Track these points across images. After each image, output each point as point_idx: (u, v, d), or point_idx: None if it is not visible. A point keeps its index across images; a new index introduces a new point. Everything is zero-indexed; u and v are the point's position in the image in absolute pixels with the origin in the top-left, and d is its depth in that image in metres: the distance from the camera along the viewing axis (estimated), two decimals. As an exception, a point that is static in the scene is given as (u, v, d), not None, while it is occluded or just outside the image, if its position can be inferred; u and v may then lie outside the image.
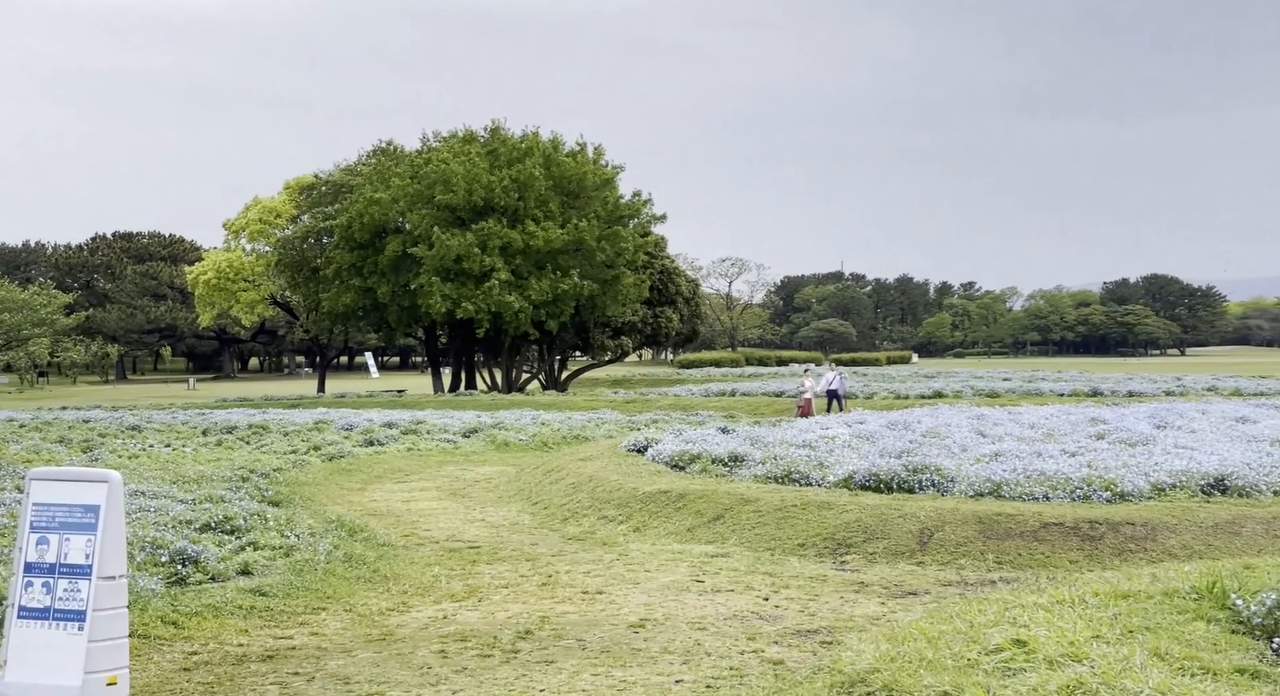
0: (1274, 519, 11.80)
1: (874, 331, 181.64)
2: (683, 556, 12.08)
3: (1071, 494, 12.87)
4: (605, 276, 53.04)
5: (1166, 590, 6.53)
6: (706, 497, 14.16)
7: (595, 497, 15.59)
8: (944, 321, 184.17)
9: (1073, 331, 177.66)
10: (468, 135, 56.38)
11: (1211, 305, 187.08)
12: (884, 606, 9.68)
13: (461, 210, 51.80)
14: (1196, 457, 14.44)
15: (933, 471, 13.96)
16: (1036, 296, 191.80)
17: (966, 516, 12.15)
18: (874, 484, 13.96)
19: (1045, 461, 14.48)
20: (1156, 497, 12.72)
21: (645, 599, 10.07)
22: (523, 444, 25.68)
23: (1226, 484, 13.05)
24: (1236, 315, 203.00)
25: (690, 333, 70.27)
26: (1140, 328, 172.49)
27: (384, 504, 16.92)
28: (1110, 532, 11.53)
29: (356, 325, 62.63)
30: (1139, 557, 10.93)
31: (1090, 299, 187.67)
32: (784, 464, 15.30)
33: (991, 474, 13.63)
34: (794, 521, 12.83)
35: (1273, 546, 11.03)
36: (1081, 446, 16.65)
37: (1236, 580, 6.48)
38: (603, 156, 56.17)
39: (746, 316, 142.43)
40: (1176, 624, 5.79)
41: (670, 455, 17.22)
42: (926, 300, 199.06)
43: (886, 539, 12.03)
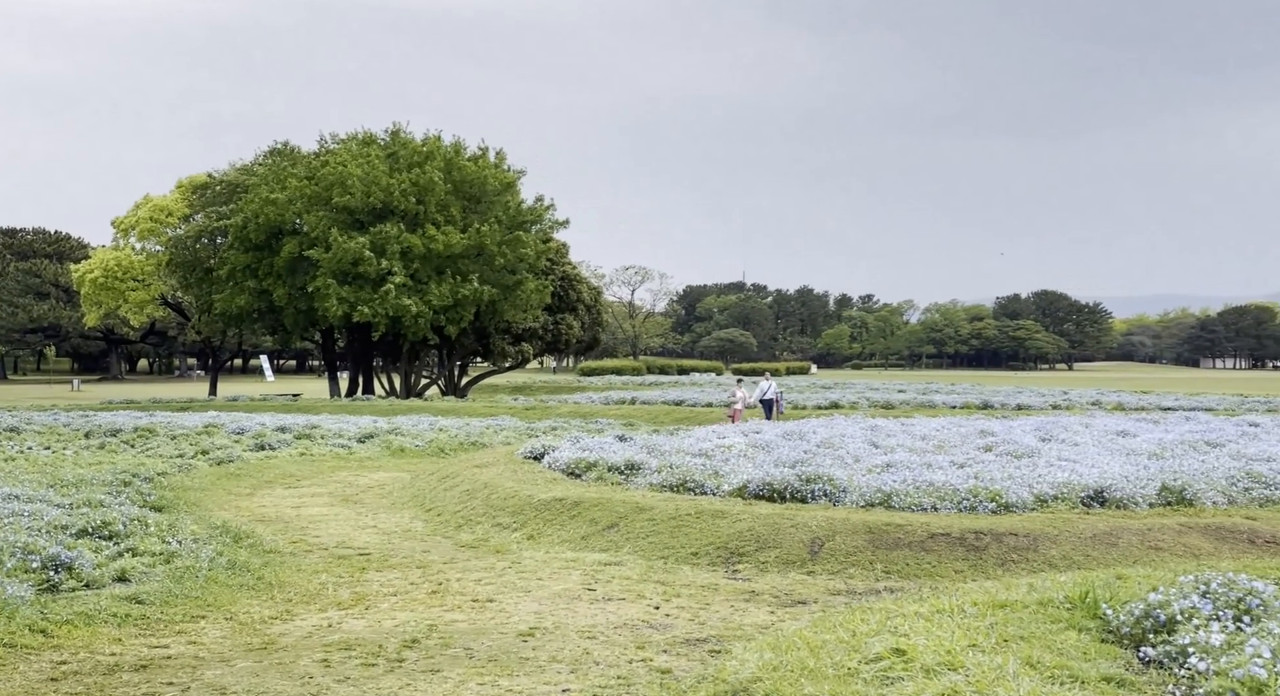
0: (1149, 530, 12.17)
1: (774, 342, 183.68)
2: (576, 564, 12.03)
3: (959, 504, 13.12)
4: (506, 282, 52.72)
5: (1042, 600, 6.68)
6: (601, 506, 14.13)
7: (490, 505, 15.46)
8: (843, 333, 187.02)
9: (967, 345, 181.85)
10: (367, 137, 55.59)
11: (1098, 321, 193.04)
12: (773, 615, 9.75)
13: (360, 213, 51.05)
14: (1078, 470, 14.85)
15: (825, 481, 14.13)
16: (932, 310, 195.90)
17: (857, 526, 12.31)
18: (768, 493, 14.08)
19: (935, 472, 14.76)
20: (1039, 509, 13.04)
21: (536, 607, 10.00)
22: (419, 450, 25.36)
23: (1105, 496, 13.42)
24: (1122, 332, 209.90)
25: (592, 340, 70.24)
26: (1031, 342, 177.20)
27: (273, 510, 16.55)
28: (994, 543, 11.78)
29: (251, 327, 61.27)
30: (1021, 568, 11.18)
31: (984, 313, 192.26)
32: (680, 473, 15.35)
33: (883, 484, 13.84)
34: (688, 530, 12.87)
35: (1147, 557, 11.37)
36: (970, 458, 17.01)
37: (1108, 590, 6.66)
38: (505, 161, 55.84)
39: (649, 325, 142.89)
40: (1050, 633, 5.93)
41: (567, 462, 17.16)
42: (826, 312, 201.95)
43: (778, 548, 12.13)
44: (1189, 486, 13.71)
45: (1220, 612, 5.91)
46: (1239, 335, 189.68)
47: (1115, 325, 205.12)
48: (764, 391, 33.61)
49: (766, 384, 34.02)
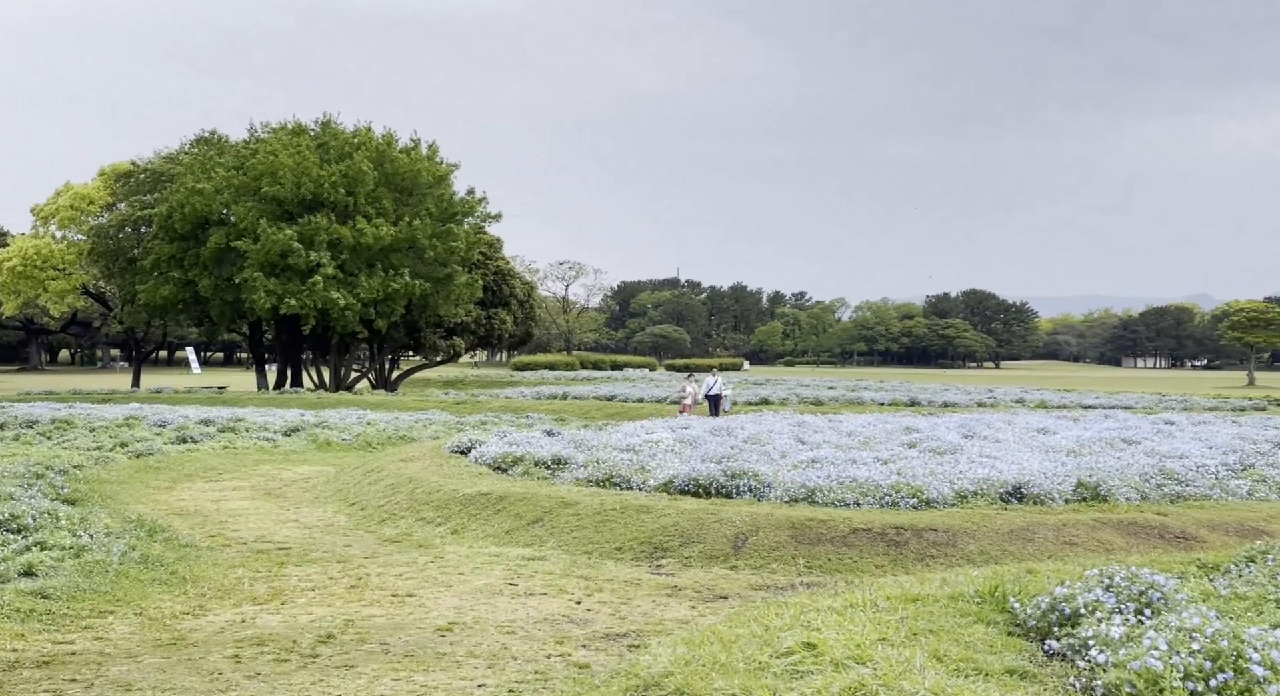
0: (1064, 525, 12.39)
1: (708, 338, 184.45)
2: (499, 559, 11.96)
3: (881, 500, 13.25)
4: (438, 275, 52.26)
5: (953, 594, 6.76)
6: (527, 500, 14.07)
7: (414, 499, 15.32)
8: (776, 330, 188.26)
9: (897, 343, 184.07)
10: (297, 128, 54.72)
11: (1024, 321, 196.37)
12: (694, 610, 9.77)
13: (289, 204, 50.27)
14: (998, 467, 15.08)
15: (751, 477, 14.19)
16: (864, 308, 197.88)
17: (781, 521, 12.38)
18: (694, 488, 14.11)
19: (859, 468, 14.90)
20: (960, 505, 13.22)
21: (456, 602, 9.92)
22: (345, 444, 25.08)
23: (1024, 492, 13.65)
24: (1047, 331, 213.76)
25: (525, 335, 69.91)
26: (960, 340, 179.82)
27: (192, 503, 16.25)
28: (915, 538, 11.92)
29: (176, 319, 60.12)
30: (939, 563, 11.32)
31: (914, 312, 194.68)
32: (606, 467, 15.34)
33: (807, 480, 13.94)
34: (612, 525, 12.86)
35: (1061, 552, 11.58)
36: (894, 454, 17.22)
37: (1017, 584, 6.76)
38: (437, 154, 55.30)
39: (583, 320, 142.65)
40: (959, 627, 6.00)
41: (493, 457, 17.06)
42: (760, 309, 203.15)
43: (702, 543, 12.16)
44: (1104, 483, 13.99)
45: (1123, 605, 6.02)
46: (1159, 335, 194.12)
47: (1041, 325, 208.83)
48: (710, 387, 33.90)
49: (712, 380, 34.36)
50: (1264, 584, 7.10)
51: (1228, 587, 7.04)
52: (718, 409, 32.91)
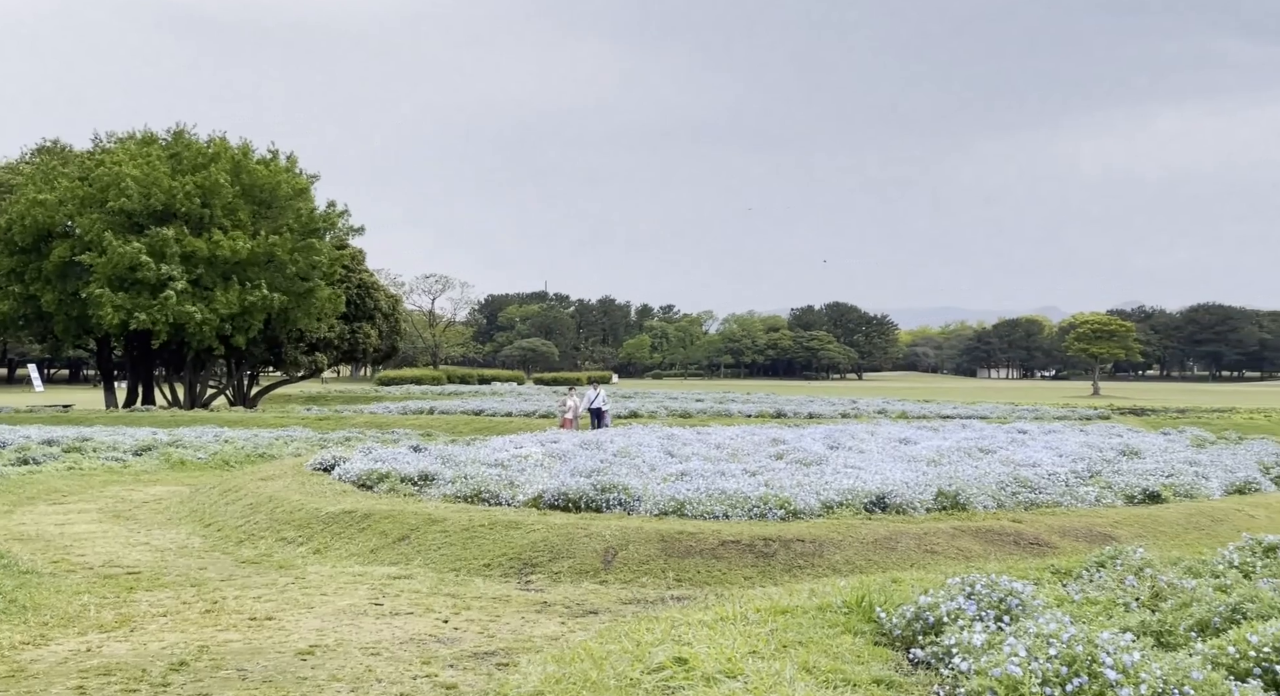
0: (925, 534, 12.68)
1: (576, 351, 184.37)
2: (363, 578, 11.66)
3: (750, 512, 13.37)
4: (298, 289, 51.01)
5: (821, 605, 6.83)
6: (393, 518, 13.78)
7: (274, 518, 14.86)
8: (644, 342, 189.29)
9: (763, 354, 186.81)
10: (147, 137, 52.77)
11: (885, 333, 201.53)
12: (564, 626, 9.67)
13: (139, 216, 48.44)
14: (863, 477, 15.38)
15: (620, 490, 14.18)
16: (731, 320, 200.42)
17: (650, 535, 12.38)
18: (563, 503, 14.04)
19: (727, 480, 15.02)
20: (826, 515, 13.42)
21: (318, 624, 9.62)
22: (201, 462, 24.23)
23: (887, 501, 13.94)
24: (907, 343, 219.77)
25: (390, 349, 68.79)
26: (824, 352, 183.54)
27: (34, 528, 15.44)
28: (782, 549, 12.04)
29: (16, 335, 57.34)
30: (807, 573, 11.45)
31: (779, 324, 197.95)
32: (475, 483, 15.14)
33: (677, 493, 13.99)
34: (481, 541, 12.68)
35: (923, 560, 11.84)
36: (762, 466, 17.41)
37: (883, 594, 6.87)
38: (296, 165, 54.04)
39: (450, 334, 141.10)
40: (827, 637, 6.05)
41: (358, 474, 16.69)
42: (628, 322, 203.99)
43: (572, 558, 12.07)
44: (963, 491, 14.38)
45: (984, 613, 6.16)
46: (1011, 347, 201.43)
47: (901, 337, 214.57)
48: (592, 400, 33.76)
49: (594, 393, 34.22)
50: (1113, 588, 7.36)
51: (1080, 593, 7.27)
52: (601, 422, 32.83)
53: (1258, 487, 17.45)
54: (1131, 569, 7.79)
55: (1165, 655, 5.39)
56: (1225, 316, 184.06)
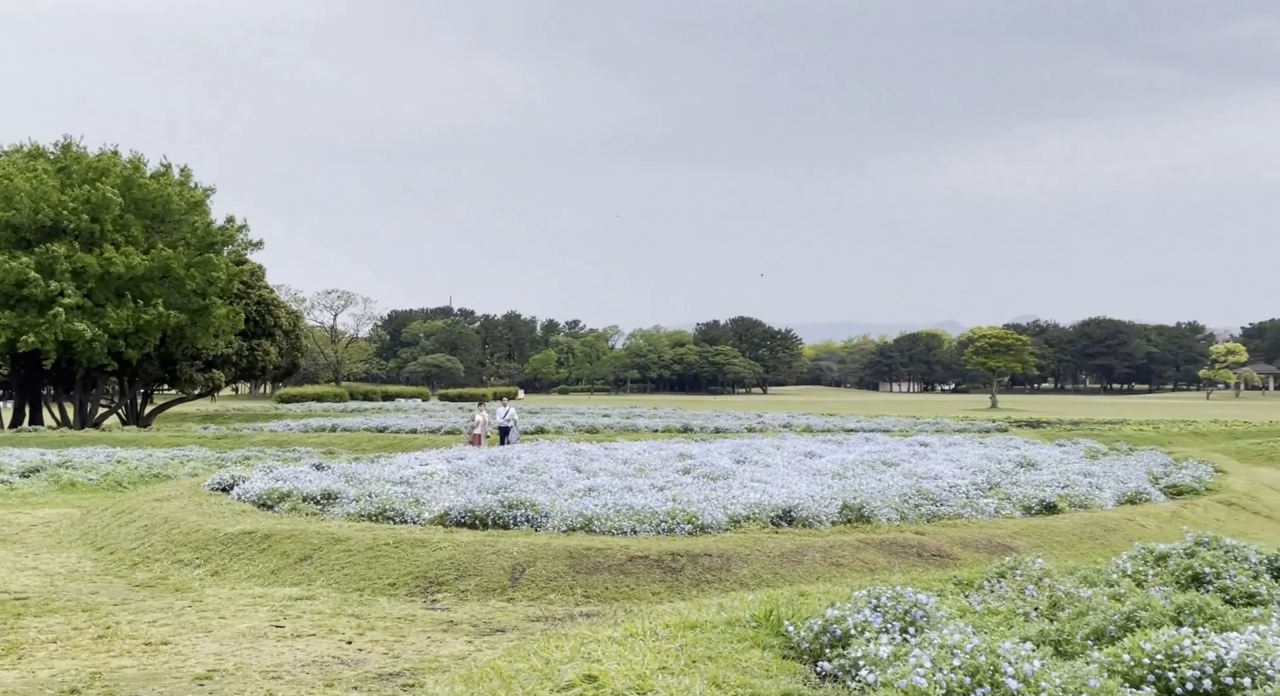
0: (831, 547, 12.82)
1: (482, 367, 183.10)
2: (264, 600, 11.40)
3: (658, 527, 13.39)
4: (195, 306, 49.73)
5: (730, 619, 6.85)
6: (294, 538, 13.50)
7: (170, 540, 14.46)
8: (550, 358, 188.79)
9: (669, 369, 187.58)
10: (34, 150, 51.02)
11: (790, 347, 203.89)
12: (471, 645, 9.56)
13: (27, 231, 46.80)
14: (769, 491, 15.51)
15: (528, 507, 14.11)
16: (637, 336, 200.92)
17: (558, 551, 12.32)
18: (470, 520, 13.92)
19: (635, 496, 15.03)
20: (733, 529, 13.50)
21: (216, 647, 9.37)
22: (93, 484, 23.47)
23: (793, 515, 14.07)
24: (811, 357, 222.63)
25: (290, 366, 67.52)
26: (729, 367, 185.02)
27: (-86, 554, 14.80)
28: (690, 564, 12.07)
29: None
30: (715, 587, 11.50)
31: (685, 339, 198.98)
32: (379, 501, 14.93)
33: (584, 509, 13.95)
34: (386, 560, 12.49)
35: (829, 573, 11.97)
36: (670, 481, 17.45)
37: (790, 608, 6.92)
38: (191, 179, 52.71)
39: (352, 350, 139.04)
40: (736, 652, 6.07)
41: (258, 493, 16.33)
42: (534, 337, 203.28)
43: (479, 576, 11.96)
44: (867, 504, 14.58)
45: (889, 625, 6.24)
46: (912, 360, 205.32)
47: (805, 351, 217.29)
48: (502, 417, 33.42)
49: (504, 410, 33.84)
50: (1013, 598, 7.51)
51: (982, 603, 7.41)
52: (507, 438, 32.54)
53: (1148, 498, 18.00)
54: (1031, 579, 7.96)
55: (1064, 663, 5.52)
56: (1115, 330, 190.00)
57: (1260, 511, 19.25)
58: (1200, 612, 6.61)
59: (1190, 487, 19.47)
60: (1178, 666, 5.40)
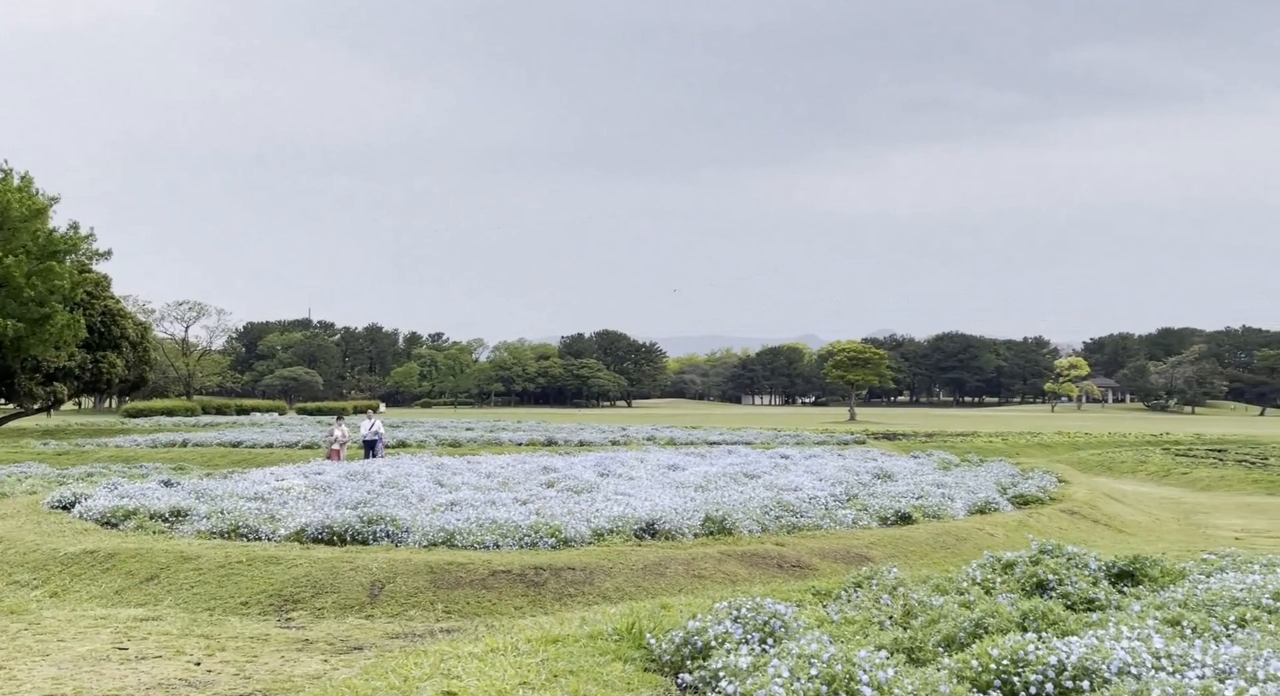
0: (694, 559, 12.92)
1: (342, 380, 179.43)
2: (106, 622, 10.92)
3: (521, 541, 13.30)
4: (34, 315, 47.42)
5: (592, 633, 6.83)
6: (140, 556, 12.98)
7: (5, 560, 13.76)
8: (412, 371, 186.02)
9: (534, 382, 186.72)
10: None
11: (654, 360, 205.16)
12: (326, 664, 9.32)
13: None
14: (633, 504, 15.56)
15: (388, 522, 13.87)
16: (502, 348, 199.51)
17: (419, 566, 12.13)
18: (328, 536, 13.62)
19: (498, 509, 14.92)
20: (597, 542, 13.49)
21: (54, 672, 8.93)
22: (-78, 501, 22.16)
23: (656, 527, 14.14)
24: (675, 370, 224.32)
25: (138, 379, 65.01)
26: (594, 380, 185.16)
27: None
28: (553, 578, 12.01)
29: None
30: (578, 601, 11.47)
31: (550, 352, 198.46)
32: (232, 518, 14.49)
33: (446, 523, 13.79)
34: (238, 578, 12.11)
35: (691, 585, 12.05)
36: (533, 494, 17.37)
37: (652, 620, 6.93)
38: (31, 185, 50.38)
39: (205, 363, 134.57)
40: (598, 666, 6.06)
41: (102, 511, 15.66)
42: (396, 350, 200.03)
43: (337, 593, 11.69)
44: (729, 516, 14.74)
45: (749, 636, 6.31)
46: (774, 374, 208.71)
47: (669, 364, 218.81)
48: (368, 430, 32.35)
49: (369, 423, 32.71)
50: (869, 608, 7.68)
51: (839, 613, 7.55)
52: (374, 452, 31.70)
53: (996, 507, 18.64)
54: (886, 588, 8.15)
55: (916, 670, 5.65)
56: (967, 345, 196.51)
57: (1100, 519, 20.12)
58: (1044, 618, 6.85)
59: (1036, 497, 20.23)
60: (1022, 671, 5.59)
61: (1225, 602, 7.38)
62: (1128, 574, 9.14)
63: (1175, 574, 9.20)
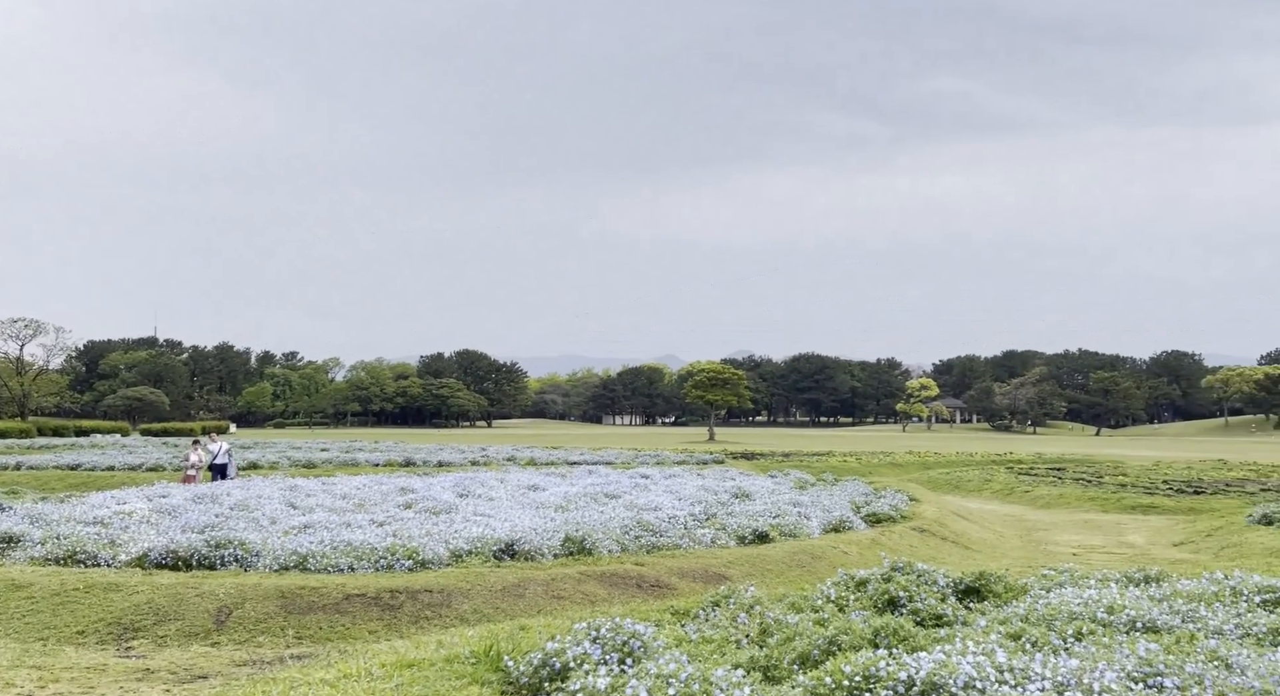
0: (553, 580, 12.85)
1: (190, 400, 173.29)
2: (-71, 657, 10.27)
3: (376, 564, 13.04)
4: None
5: (449, 656, 6.72)
6: (-33, 586, 12.26)
7: None
8: (265, 391, 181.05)
9: (392, 402, 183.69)
10: None
11: (515, 380, 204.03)
12: (169, 694, 8.96)
13: None
14: (492, 524, 15.42)
15: (237, 545, 13.45)
16: (358, 368, 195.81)
17: (269, 591, 11.77)
18: (172, 561, 13.14)
19: (354, 532, 14.60)
20: (455, 564, 13.32)
21: None
22: None
23: (516, 548, 14.03)
24: (536, 390, 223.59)
25: (-29, 396, 61.74)
26: (454, 400, 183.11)
27: None
28: (409, 601, 11.80)
29: None
30: (435, 624, 11.29)
31: (409, 371, 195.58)
32: (69, 543, 13.83)
33: (299, 546, 13.44)
34: (74, 606, 11.56)
35: (551, 606, 11.98)
36: (390, 516, 17.06)
37: (511, 642, 6.86)
38: None
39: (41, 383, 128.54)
40: (454, 689, 5.96)
41: (-75, 537, 14.76)
42: (248, 369, 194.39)
43: (181, 619, 11.26)
44: (589, 537, 14.73)
45: (608, 656, 6.30)
46: (634, 394, 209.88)
47: (531, 384, 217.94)
48: (215, 454, 30.50)
49: (216, 446, 30.91)
50: (726, 626, 7.74)
51: (697, 632, 7.59)
52: (225, 475, 30.26)
53: (850, 526, 19.06)
54: (743, 607, 8.23)
55: (772, 688, 5.72)
56: (823, 366, 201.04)
57: (948, 537, 20.77)
58: (894, 634, 7.02)
59: (888, 516, 20.77)
60: (874, 687, 5.70)
61: (1064, 617, 7.68)
62: (974, 590, 9.44)
63: (1018, 589, 9.54)
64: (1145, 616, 7.57)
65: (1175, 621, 7.51)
